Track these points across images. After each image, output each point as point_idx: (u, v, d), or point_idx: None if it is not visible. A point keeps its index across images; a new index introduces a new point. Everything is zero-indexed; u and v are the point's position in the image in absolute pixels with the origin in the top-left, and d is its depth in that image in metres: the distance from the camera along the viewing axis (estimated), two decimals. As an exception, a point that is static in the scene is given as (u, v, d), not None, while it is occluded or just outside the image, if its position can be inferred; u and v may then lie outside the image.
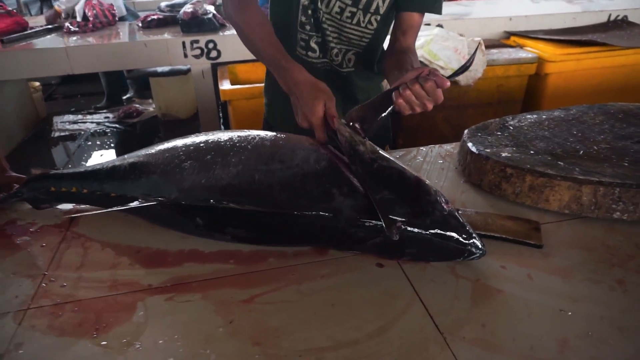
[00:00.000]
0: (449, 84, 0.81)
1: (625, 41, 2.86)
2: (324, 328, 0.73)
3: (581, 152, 1.08)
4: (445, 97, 0.83)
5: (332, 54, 1.22)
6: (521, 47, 2.96)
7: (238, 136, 0.90)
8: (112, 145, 3.72)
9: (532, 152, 1.08)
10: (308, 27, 1.18)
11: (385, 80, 1.23)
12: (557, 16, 3.22)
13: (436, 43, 2.65)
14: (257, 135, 0.90)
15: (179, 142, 0.94)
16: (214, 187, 0.85)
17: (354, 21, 1.16)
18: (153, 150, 0.96)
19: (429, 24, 2.96)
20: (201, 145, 0.91)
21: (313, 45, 1.20)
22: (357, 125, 0.89)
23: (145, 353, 0.69)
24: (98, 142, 3.74)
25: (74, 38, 2.87)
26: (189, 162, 0.88)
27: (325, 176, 0.82)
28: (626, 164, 1.01)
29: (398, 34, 1.18)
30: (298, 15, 1.16)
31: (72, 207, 1.07)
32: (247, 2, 1.02)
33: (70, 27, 2.97)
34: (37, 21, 3.44)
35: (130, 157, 0.97)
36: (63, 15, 3.24)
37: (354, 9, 1.14)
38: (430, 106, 0.85)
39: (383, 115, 0.89)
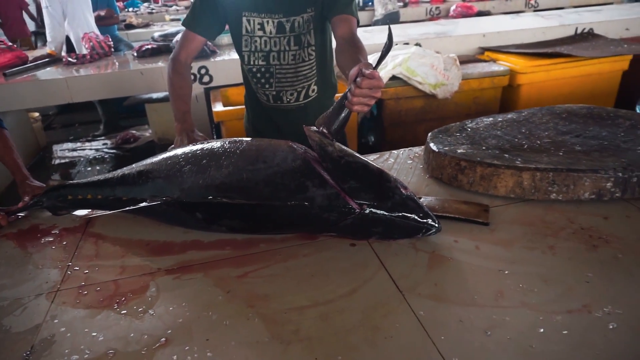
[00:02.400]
0: (377, 73, 0.97)
1: (590, 52, 3.07)
2: (305, 292, 0.88)
3: (525, 146, 1.25)
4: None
5: (286, 95, 1.54)
6: (494, 61, 3.16)
7: (228, 143, 1.07)
8: (111, 170, 3.86)
9: (484, 148, 1.25)
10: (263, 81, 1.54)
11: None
12: (527, 31, 3.44)
13: (414, 60, 2.85)
14: (244, 141, 1.07)
15: (179, 151, 1.11)
16: (210, 186, 1.01)
17: (300, 58, 1.47)
18: (157, 159, 1.12)
19: (407, 43, 3.17)
20: (198, 152, 1.07)
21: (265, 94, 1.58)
22: (324, 130, 1.05)
23: (159, 317, 0.84)
24: (97, 168, 3.89)
25: (73, 69, 3.06)
26: (188, 166, 1.04)
27: (300, 172, 0.98)
28: (561, 154, 1.18)
29: (336, 32, 1.38)
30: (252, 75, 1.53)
31: (87, 212, 1.23)
32: (178, 69, 1.54)
33: (69, 59, 3.16)
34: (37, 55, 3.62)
35: (138, 166, 1.13)
36: (57, 54, 3.41)
37: (297, 49, 1.45)
38: (377, 94, 0.99)
39: (343, 117, 1.04)
